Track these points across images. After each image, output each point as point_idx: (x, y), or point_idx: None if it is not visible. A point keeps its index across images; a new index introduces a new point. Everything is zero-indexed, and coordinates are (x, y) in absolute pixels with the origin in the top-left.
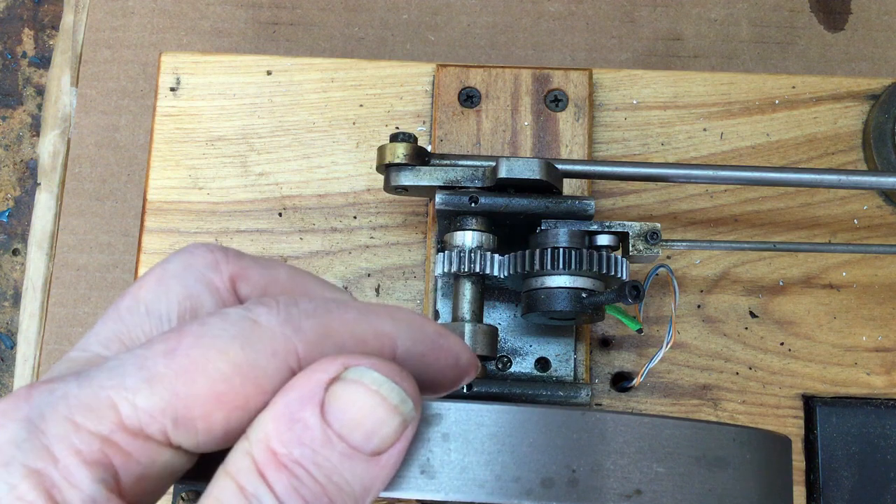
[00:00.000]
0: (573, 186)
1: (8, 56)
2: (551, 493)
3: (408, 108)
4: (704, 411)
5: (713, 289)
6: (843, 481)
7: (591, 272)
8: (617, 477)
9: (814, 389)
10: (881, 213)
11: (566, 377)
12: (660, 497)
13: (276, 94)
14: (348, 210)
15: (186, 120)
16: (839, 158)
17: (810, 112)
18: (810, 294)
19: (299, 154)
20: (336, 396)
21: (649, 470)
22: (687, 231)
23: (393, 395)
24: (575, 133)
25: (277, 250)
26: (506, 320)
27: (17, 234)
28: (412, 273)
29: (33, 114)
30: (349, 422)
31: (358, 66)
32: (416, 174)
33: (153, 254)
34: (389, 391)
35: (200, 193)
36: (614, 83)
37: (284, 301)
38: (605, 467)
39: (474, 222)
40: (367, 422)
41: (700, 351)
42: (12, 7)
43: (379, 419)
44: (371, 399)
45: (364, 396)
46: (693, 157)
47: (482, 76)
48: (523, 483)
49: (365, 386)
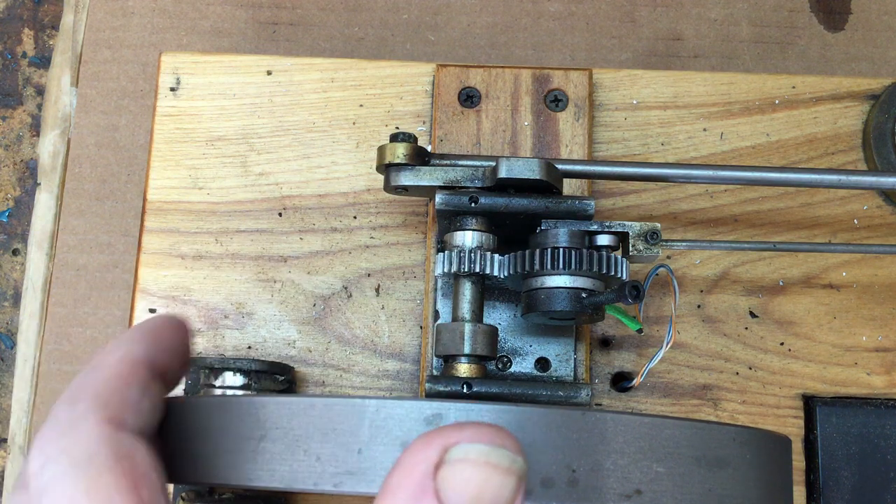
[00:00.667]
0: (573, 186)
1: (8, 56)
2: (551, 492)
3: (408, 108)
4: (704, 411)
5: (713, 289)
6: (843, 481)
7: (591, 272)
8: (617, 477)
9: (814, 389)
10: (881, 213)
11: (566, 377)
12: (660, 497)
13: (276, 94)
14: (348, 210)
15: (186, 120)
16: (839, 158)
17: (810, 112)
18: (810, 294)
19: (299, 154)
20: (448, 483)
21: (649, 470)
22: (687, 231)
23: (503, 460)
24: (575, 133)
25: (277, 250)
26: (506, 320)
27: (17, 234)
28: (412, 273)
29: (33, 114)
30: (469, 501)
31: (358, 66)
32: (416, 174)
33: (153, 254)
34: (499, 458)
35: (200, 193)
36: (614, 83)
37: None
38: (605, 467)
39: (474, 222)
40: (487, 495)
41: (700, 351)
42: (12, 7)
43: (496, 487)
44: (483, 472)
45: (476, 473)
46: (693, 157)
47: (482, 76)
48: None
49: (473, 462)
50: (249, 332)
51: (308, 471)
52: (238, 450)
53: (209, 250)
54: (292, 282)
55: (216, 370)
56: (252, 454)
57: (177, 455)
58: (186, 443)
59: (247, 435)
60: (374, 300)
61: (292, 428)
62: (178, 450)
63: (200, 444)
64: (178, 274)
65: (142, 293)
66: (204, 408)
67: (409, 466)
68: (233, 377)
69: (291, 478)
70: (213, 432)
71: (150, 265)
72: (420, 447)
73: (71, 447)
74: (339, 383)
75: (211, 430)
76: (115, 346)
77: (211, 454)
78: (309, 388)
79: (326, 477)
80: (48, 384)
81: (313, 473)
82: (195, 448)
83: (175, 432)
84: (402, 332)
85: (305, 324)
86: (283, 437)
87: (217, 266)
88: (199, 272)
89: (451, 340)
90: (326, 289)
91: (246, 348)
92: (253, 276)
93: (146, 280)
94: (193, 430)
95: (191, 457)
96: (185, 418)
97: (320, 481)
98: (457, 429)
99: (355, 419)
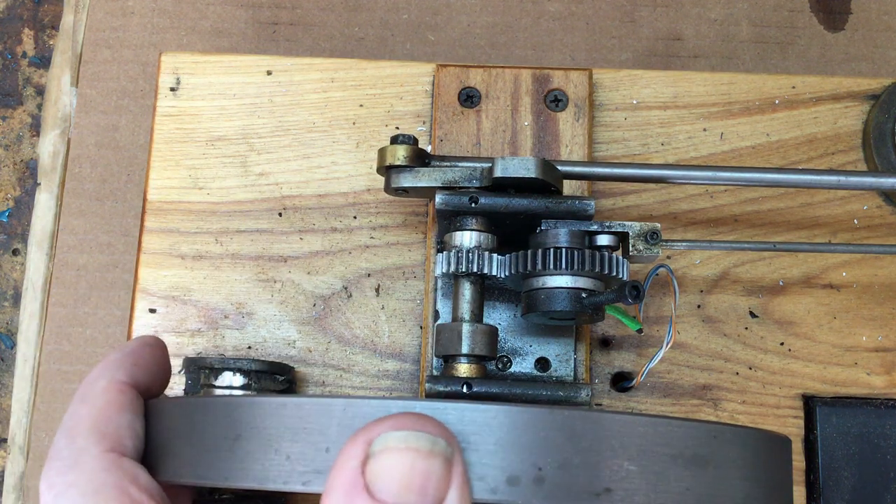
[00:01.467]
0: (573, 186)
1: (8, 56)
2: (516, 490)
3: (408, 108)
4: (704, 411)
5: (713, 289)
6: (843, 481)
7: (591, 272)
8: (585, 475)
9: (814, 389)
10: (881, 213)
11: (566, 377)
12: (631, 495)
13: (276, 94)
14: (348, 210)
15: (186, 120)
16: (839, 158)
17: (810, 112)
18: (810, 294)
19: (299, 154)
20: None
21: (620, 468)
22: (687, 231)
23: (423, 443)
24: (575, 133)
25: (277, 250)
26: (506, 320)
27: (17, 234)
28: (412, 273)
29: (33, 114)
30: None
31: (358, 66)
32: (416, 176)
33: (153, 254)
34: (418, 441)
35: (200, 193)
36: (614, 83)
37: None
38: (572, 465)
39: (474, 222)
40: (415, 480)
41: (700, 351)
42: (12, 7)
43: (422, 471)
44: (406, 457)
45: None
46: (693, 158)
47: (482, 76)
48: (488, 481)
49: (394, 449)
50: (249, 332)
51: (278, 470)
52: (215, 449)
53: (209, 250)
54: (292, 282)
55: (216, 370)
56: (228, 453)
57: (159, 454)
58: (169, 442)
59: (223, 434)
60: (374, 300)
61: (265, 427)
62: (161, 449)
63: (182, 443)
64: (178, 274)
65: (142, 293)
66: (184, 408)
67: (339, 467)
68: (233, 377)
69: (263, 476)
70: (194, 432)
71: (150, 265)
72: (348, 446)
73: (77, 480)
74: (339, 383)
75: (192, 429)
76: (98, 374)
77: (191, 453)
78: (309, 388)
79: (295, 476)
80: (48, 384)
81: (283, 472)
82: (177, 447)
83: (158, 432)
84: (402, 332)
85: (305, 324)
86: (257, 437)
87: (217, 266)
88: (199, 272)
89: (451, 340)
90: (326, 289)
91: (246, 348)
92: (253, 276)
93: (146, 280)
94: (175, 429)
95: (173, 456)
96: (167, 418)
97: (290, 480)
98: (378, 422)
99: (324, 418)
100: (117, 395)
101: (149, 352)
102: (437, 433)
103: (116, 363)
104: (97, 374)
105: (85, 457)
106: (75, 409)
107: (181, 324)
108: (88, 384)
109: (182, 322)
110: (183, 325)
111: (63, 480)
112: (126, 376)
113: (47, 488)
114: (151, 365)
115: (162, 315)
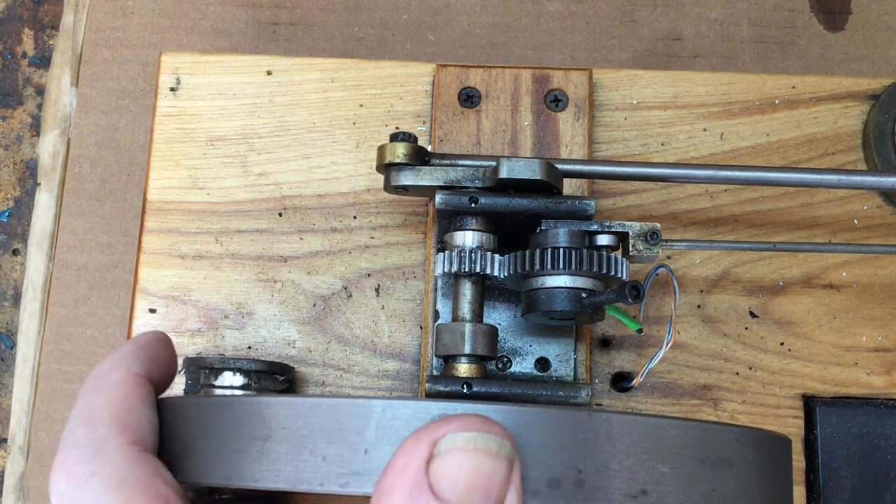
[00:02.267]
0: (573, 186)
1: (8, 56)
2: (557, 493)
3: (408, 108)
4: (704, 411)
5: (713, 289)
6: (843, 481)
7: (591, 272)
8: (623, 477)
9: (814, 389)
10: (881, 213)
11: (566, 377)
12: (665, 497)
13: (276, 94)
14: (348, 210)
15: (186, 120)
16: (839, 158)
17: (810, 112)
18: (810, 294)
19: (299, 154)
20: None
21: (654, 470)
22: (687, 231)
23: (491, 445)
24: (575, 133)
25: (277, 250)
26: (506, 320)
27: (17, 234)
28: (412, 273)
29: (33, 114)
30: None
31: (358, 66)
32: (416, 174)
33: (153, 254)
34: (486, 443)
35: (200, 193)
36: (614, 83)
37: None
38: (611, 468)
39: (474, 222)
40: (480, 480)
41: (700, 351)
42: (12, 7)
43: (488, 472)
44: (473, 458)
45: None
46: (693, 157)
47: (482, 76)
48: (530, 483)
49: (462, 450)
50: (249, 332)
51: (314, 471)
52: (243, 450)
53: (209, 250)
54: (292, 282)
55: (216, 370)
56: (257, 454)
57: (179, 454)
58: (189, 442)
59: (251, 435)
60: (374, 300)
61: (298, 428)
62: (180, 449)
63: (204, 443)
64: (178, 274)
65: (142, 293)
66: (208, 407)
67: (402, 465)
68: (233, 377)
69: (297, 478)
70: (217, 432)
71: (150, 265)
72: (410, 445)
73: (102, 469)
74: (339, 383)
75: (215, 429)
76: (114, 364)
77: (214, 454)
78: (309, 388)
79: (333, 477)
80: (48, 384)
81: (319, 474)
82: (199, 448)
83: (177, 432)
84: (402, 332)
85: (305, 324)
86: (289, 438)
87: (217, 266)
88: (199, 272)
89: (452, 340)
90: (326, 289)
91: (246, 348)
92: (253, 276)
93: (146, 280)
94: (197, 429)
95: (194, 456)
96: (188, 418)
97: (326, 482)
98: (443, 422)
99: (362, 419)
100: (135, 388)
101: (161, 348)
102: (503, 436)
103: (132, 355)
104: (111, 365)
105: (108, 446)
106: (91, 400)
107: (181, 324)
108: (102, 375)
109: (182, 322)
110: (183, 325)
111: (85, 469)
112: (142, 369)
113: (66, 478)
114: (163, 361)
115: (162, 315)
